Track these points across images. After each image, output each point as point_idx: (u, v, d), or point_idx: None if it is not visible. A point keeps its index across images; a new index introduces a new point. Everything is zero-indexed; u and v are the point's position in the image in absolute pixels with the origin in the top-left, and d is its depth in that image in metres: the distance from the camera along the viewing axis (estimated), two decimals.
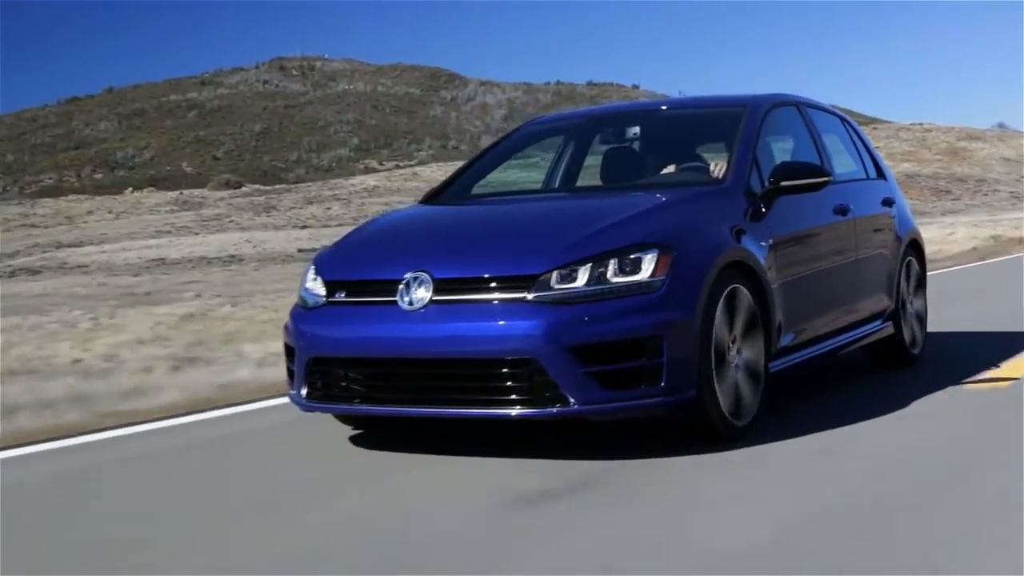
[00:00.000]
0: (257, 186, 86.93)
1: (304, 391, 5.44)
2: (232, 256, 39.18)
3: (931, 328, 8.32)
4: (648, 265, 5.00)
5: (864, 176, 7.70)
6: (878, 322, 7.31)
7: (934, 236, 28.93)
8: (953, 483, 4.60)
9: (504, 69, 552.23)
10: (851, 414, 6.00)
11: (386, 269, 5.30)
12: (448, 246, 5.48)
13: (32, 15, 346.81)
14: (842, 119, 7.80)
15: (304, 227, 56.93)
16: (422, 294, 5.08)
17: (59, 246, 48.96)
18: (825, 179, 6.22)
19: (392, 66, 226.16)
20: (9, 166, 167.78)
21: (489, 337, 4.91)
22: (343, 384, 5.30)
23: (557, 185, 7.09)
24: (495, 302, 4.99)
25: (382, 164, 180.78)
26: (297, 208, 67.57)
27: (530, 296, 4.94)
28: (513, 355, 4.86)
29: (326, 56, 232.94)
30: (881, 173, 8.04)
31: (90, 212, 69.90)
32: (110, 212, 68.33)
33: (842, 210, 6.81)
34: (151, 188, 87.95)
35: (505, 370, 4.89)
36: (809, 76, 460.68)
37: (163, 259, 39.06)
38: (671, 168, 6.58)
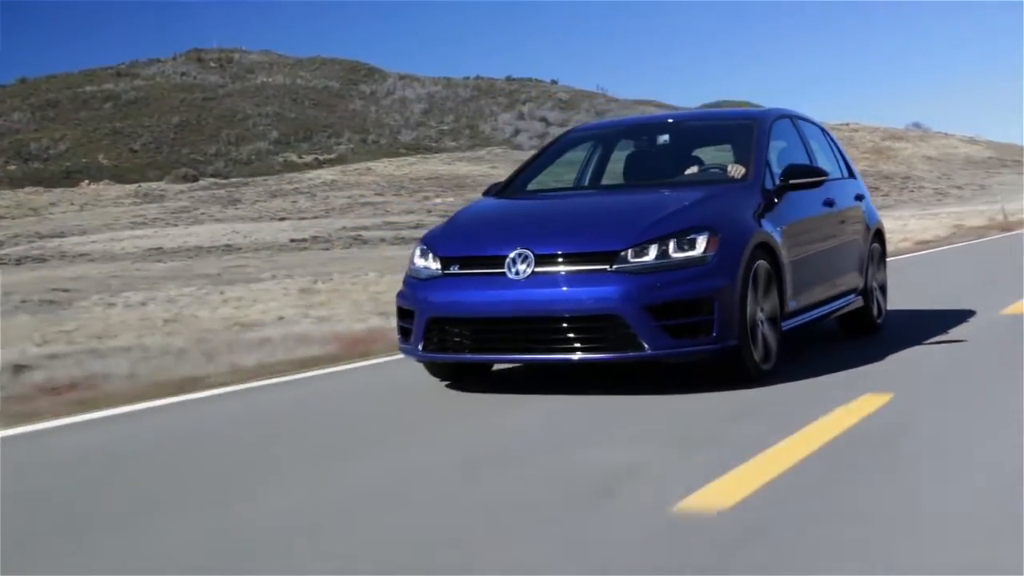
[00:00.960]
0: (214, 179, 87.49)
1: (421, 345, 6.70)
2: (228, 246, 39.96)
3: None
4: (701, 244, 6.37)
5: (840, 176, 9.06)
6: (852, 296, 8.71)
7: (894, 227, 31.82)
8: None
9: (423, 63, 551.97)
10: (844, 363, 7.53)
11: (495, 247, 6.56)
12: (543, 229, 6.73)
13: None
14: (821, 129, 9.22)
15: (283, 219, 58.02)
16: (525, 267, 6.35)
17: (41, 236, 49.41)
18: (823, 178, 7.79)
19: (311, 59, 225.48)
20: None
21: (583, 299, 6.23)
22: (456, 339, 6.58)
23: (587, 183, 8.39)
24: (584, 272, 6.30)
25: (301, 157, 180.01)
26: (262, 201, 68.71)
27: (611, 268, 6.27)
28: (602, 312, 6.19)
29: (244, 48, 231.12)
30: (852, 173, 9.48)
31: (53, 204, 70.17)
32: (72, 204, 68.73)
33: (829, 203, 8.26)
34: (108, 181, 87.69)
35: (595, 324, 6.22)
36: (728, 72, 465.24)
37: (161, 248, 39.82)
38: (694, 169, 7.91)
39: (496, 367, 7.55)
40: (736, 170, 7.54)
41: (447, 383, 7.21)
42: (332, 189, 74.70)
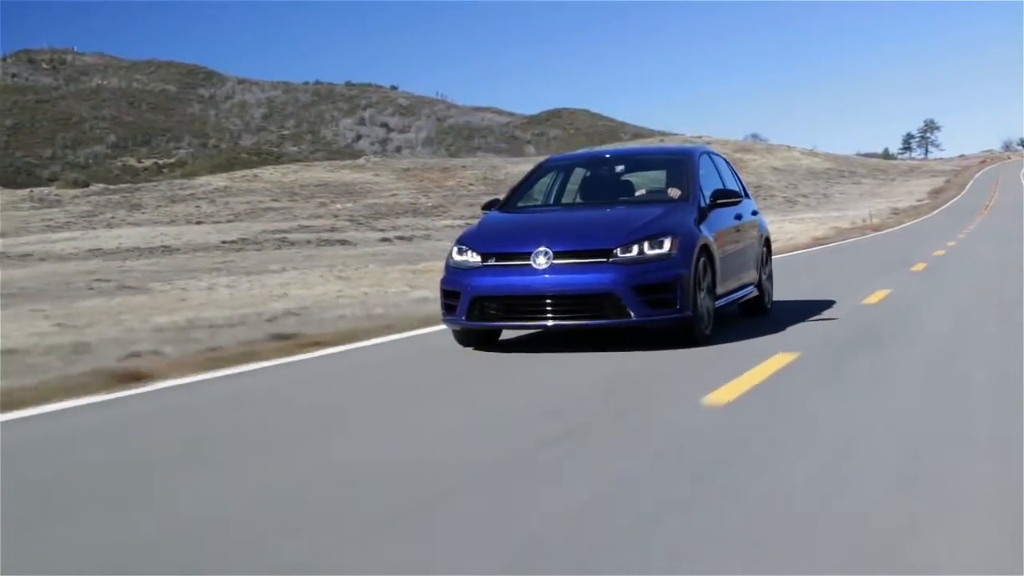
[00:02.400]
0: (104, 185, 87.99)
1: (464, 316, 8.92)
2: (166, 247, 41.49)
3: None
4: (667, 244, 8.78)
5: (741, 196, 11.24)
6: (751, 287, 11.13)
7: (778, 230, 36.55)
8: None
9: (262, 67, 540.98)
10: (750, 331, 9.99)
11: (521, 246, 8.89)
12: (554, 233, 8.99)
13: None
14: (726, 161, 11.87)
15: (199, 223, 59.61)
16: (545, 260, 8.65)
17: None
18: (739, 199, 10.67)
19: (147, 62, 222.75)
20: None
21: (589, 282, 8.59)
22: (492, 311, 8.87)
23: (552, 200, 10.75)
24: (588, 264, 8.66)
25: (141, 162, 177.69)
26: (164, 207, 70.08)
27: (608, 260, 8.64)
28: (602, 290, 8.56)
29: (75, 49, 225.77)
30: (747, 194, 11.85)
31: None
32: None
33: (739, 216, 10.78)
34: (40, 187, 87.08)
35: (596, 299, 8.61)
36: (568, 80, 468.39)
37: (100, 248, 41.24)
38: (642, 191, 10.56)
39: (504, 335, 9.73)
40: (673, 192, 10.09)
41: (468, 348, 9.34)
42: (227, 195, 76.35)
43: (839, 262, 23.01)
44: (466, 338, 9.32)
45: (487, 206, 10.63)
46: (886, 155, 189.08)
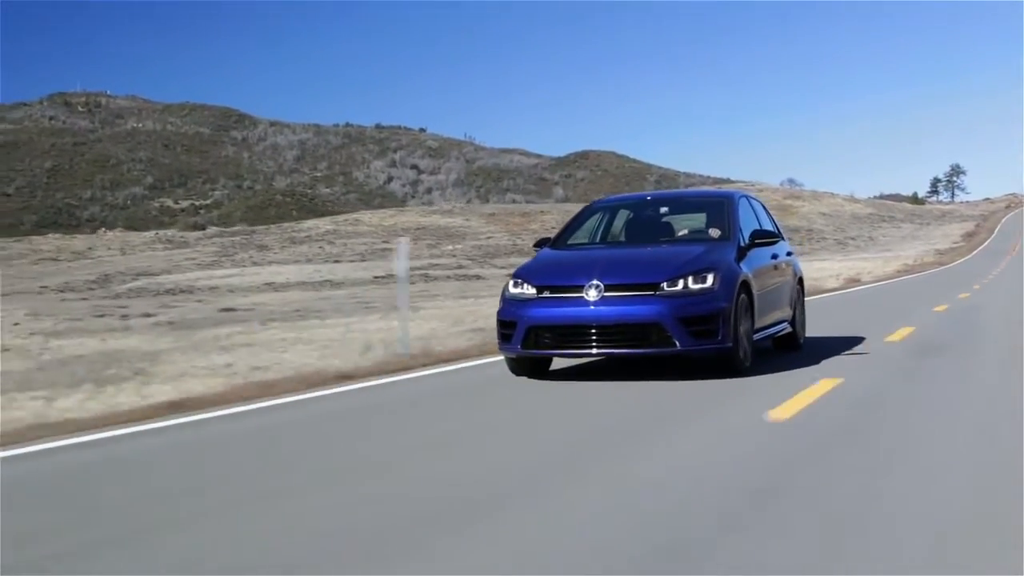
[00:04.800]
0: (218, 228, 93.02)
1: (520, 344, 9.30)
2: (328, 281, 46.30)
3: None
4: (710, 279, 9.14)
5: (778, 237, 11.56)
6: (784, 324, 11.49)
7: (856, 266, 40.45)
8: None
9: (293, 110, 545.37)
10: (784, 364, 10.38)
11: (574, 279, 9.30)
12: (605, 268, 9.37)
13: None
14: (762, 205, 12.30)
15: (336, 262, 64.19)
16: (597, 293, 9.06)
17: (136, 276, 55.36)
18: (776, 240, 11.10)
19: (180, 105, 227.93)
20: None
21: (637, 313, 8.97)
22: (546, 340, 9.26)
23: (599, 239, 11.16)
24: (637, 296, 9.05)
25: (177, 203, 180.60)
26: (288, 247, 75.54)
27: (655, 293, 9.02)
28: (650, 321, 8.94)
29: (108, 92, 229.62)
30: (782, 236, 12.02)
31: (90, 248, 74.10)
32: (109, 249, 72.81)
33: (775, 256, 11.17)
34: (121, 228, 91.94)
35: (644, 330, 8.97)
36: (594, 123, 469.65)
37: (273, 283, 45.61)
38: (684, 231, 11.03)
39: (553, 365, 10.14)
40: (714, 232, 10.45)
41: (521, 377, 9.72)
42: (338, 237, 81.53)
43: (940, 281, 34.84)
44: (519, 367, 9.75)
45: (539, 244, 11.05)
46: (915, 199, 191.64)
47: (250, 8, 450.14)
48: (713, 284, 9.10)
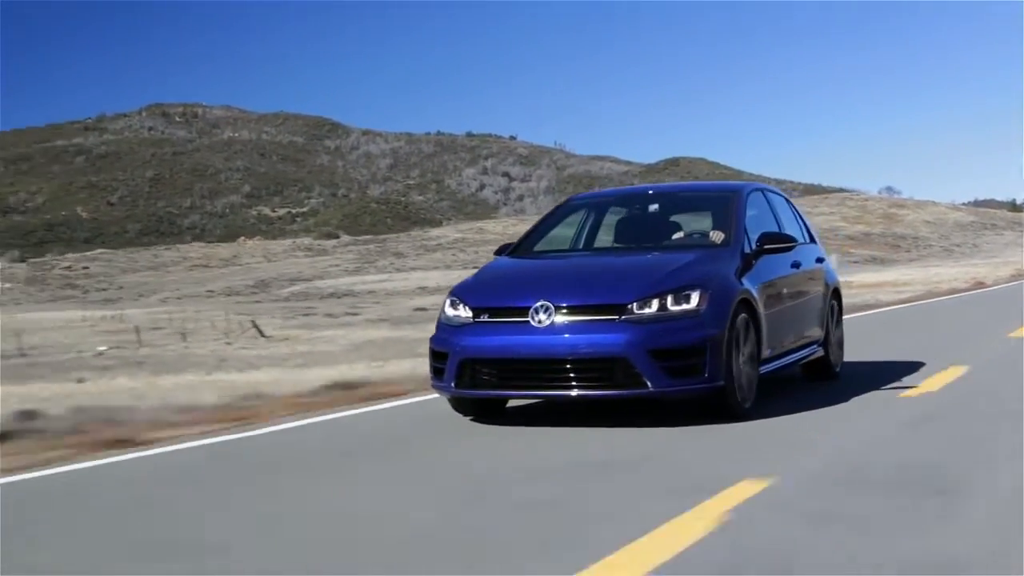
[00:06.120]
0: (351, 237, 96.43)
1: (454, 383, 7.38)
2: None
3: None
4: (695, 299, 7.14)
5: (804, 240, 9.62)
6: (814, 346, 9.36)
7: (972, 272, 43.62)
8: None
9: (385, 119, 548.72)
10: (808, 403, 8.18)
11: (519, 299, 7.32)
12: (560, 284, 7.50)
13: None
14: (786, 199, 10.03)
15: (475, 267, 68.50)
16: (547, 316, 7.09)
17: (294, 281, 58.86)
18: (793, 244, 8.61)
19: (275, 114, 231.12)
20: None
21: (596, 343, 7.02)
22: (484, 377, 7.31)
23: (582, 244, 9.07)
24: (597, 321, 7.08)
25: (275, 211, 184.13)
26: (422, 255, 78.44)
27: (620, 318, 7.02)
28: (612, 355, 6.96)
29: (204, 103, 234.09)
30: (813, 239, 10.16)
31: (235, 255, 77.68)
32: (253, 256, 76.25)
33: (796, 264, 8.96)
34: (259, 237, 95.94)
35: (606, 365, 6.99)
36: (685, 129, 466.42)
37: (424, 287, 47.61)
38: (680, 234, 8.71)
39: (510, 403, 8.10)
40: (716, 236, 8.31)
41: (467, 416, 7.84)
42: (467, 244, 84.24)
43: None
44: (461, 405, 7.85)
45: (499, 251, 8.97)
46: (1014, 206, 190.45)
47: (342, 18, 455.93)
48: (698, 305, 7.15)
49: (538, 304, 7.16)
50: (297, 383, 11.26)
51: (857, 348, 11.70)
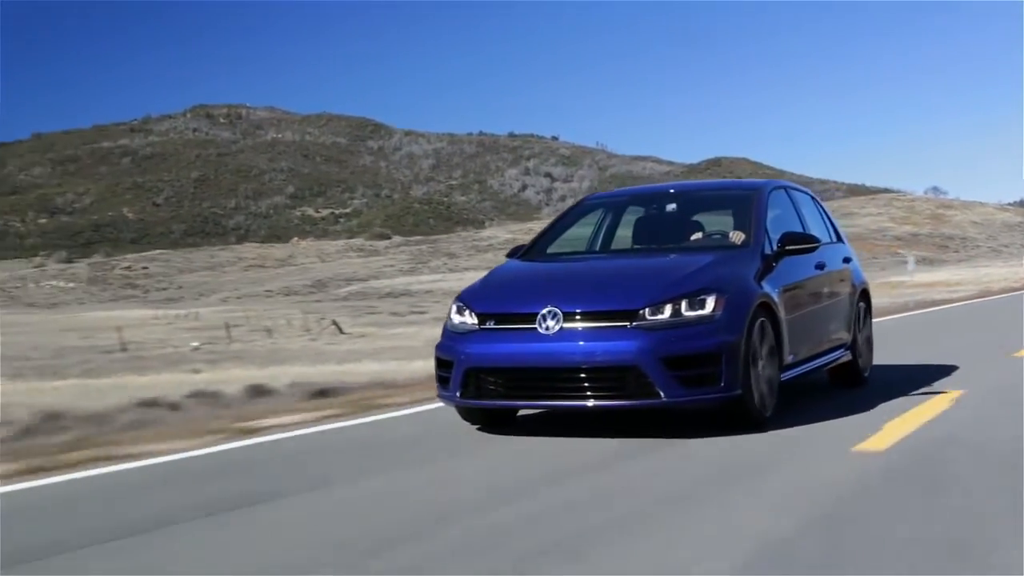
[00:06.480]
0: (402, 238, 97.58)
1: (459, 392, 7.13)
2: None
3: None
4: (710, 303, 6.80)
5: (830, 240, 9.39)
6: (841, 350, 8.97)
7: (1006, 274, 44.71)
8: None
9: (427, 119, 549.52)
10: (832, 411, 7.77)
11: (526, 305, 7.01)
12: (569, 289, 7.24)
13: None
14: (812, 197, 9.70)
15: None
16: (555, 323, 6.78)
17: (351, 281, 60.05)
18: (816, 245, 8.21)
19: (318, 115, 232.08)
20: None
21: (606, 351, 6.69)
22: (490, 387, 7.04)
23: (599, 246, 8.81)
24: (607, 328, 6.76)
25: (318, 211, 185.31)
26: (473, 255, 79.23)
27: (631, 324, 6.71)
28: (623, 363, 6.65)
29: (248, 104, 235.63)
30: (840, 238, 9.87)
31: (290, 256, 79.07)
32: (307, 256, 77.50)
33: (820, 266, 8.59)
34: (312, 238, 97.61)
35: (616, 374, 6.69)
36: (726, 130, 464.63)
37: None
38: (698, 235, 8.34)
39: (520, 413, 7.85)
40: (737, 236, 7.94)
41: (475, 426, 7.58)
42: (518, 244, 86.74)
43: None
44: (470, 414, 7.62)
45: (512, 253, 8.68)
46: None
47: (384, 19, 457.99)
48: (714, 310, 6.83)
49: (545, 310, 6.87)
50: (411, 373, 12.00)
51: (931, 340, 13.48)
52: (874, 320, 10.23)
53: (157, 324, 35.39)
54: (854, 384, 9.24)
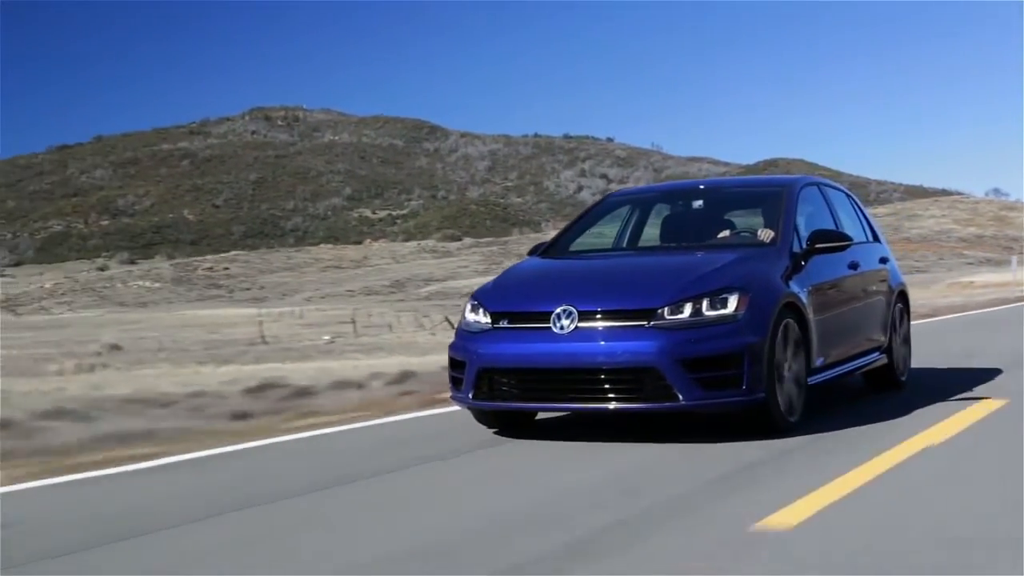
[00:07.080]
0: (473, 239, 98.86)
1: (471, 393, 6.94)
2: None
3: None
4: (732, 302, 6.55)
5: (865, 239, 9.09)
6: (876, 353, 8.66)
7: None
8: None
9: (482, 121, 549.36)
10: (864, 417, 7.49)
11: (541, 304, 6.80)
12: (585, 287, 7.07)
13: (18, 63, 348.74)
14: (847, 194, 9.37)
15: None
16: (569, 322, 6.56)
17: (428, 281, 61.54)
18: (848, 243, 7.88)
19: (374, 117, 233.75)
20: (11, 212, 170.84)
21: (622, 352, 6.45)
22: (504, 388, 6.83)
23: (625, 244, 8.54)
24: (623, 328, 6.52)
25: (375, 213, 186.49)
26: None
27: (649, 324, 6.47)
28: (640, 365, 6.40)
29: (304, 107, 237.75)
30: (876, 237, 9.54)
31: (365, 257, 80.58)
32: (381, 258, 78.95)
33: (854, 265, 8.28)
34: (384, 240, 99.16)
35: (633, 376, 6.45)
36: (783, 130, 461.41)
37: None
38: (726, 233, 8.05)
39: (540, 416, 7.66)
40: (766, 234, 7.66)
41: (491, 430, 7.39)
42: None
43: None
44: (485, 417, 7.42)
45: (533, 251, 8.52)
46: None
47: (440, 21, 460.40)
48: (736, 309, 6.57)
49: (560, 309, 6.65)
50: None
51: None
52: (972, 313, 10.59)
53: (268, 322, 36.14)
54: (891, 388, 8.94)
